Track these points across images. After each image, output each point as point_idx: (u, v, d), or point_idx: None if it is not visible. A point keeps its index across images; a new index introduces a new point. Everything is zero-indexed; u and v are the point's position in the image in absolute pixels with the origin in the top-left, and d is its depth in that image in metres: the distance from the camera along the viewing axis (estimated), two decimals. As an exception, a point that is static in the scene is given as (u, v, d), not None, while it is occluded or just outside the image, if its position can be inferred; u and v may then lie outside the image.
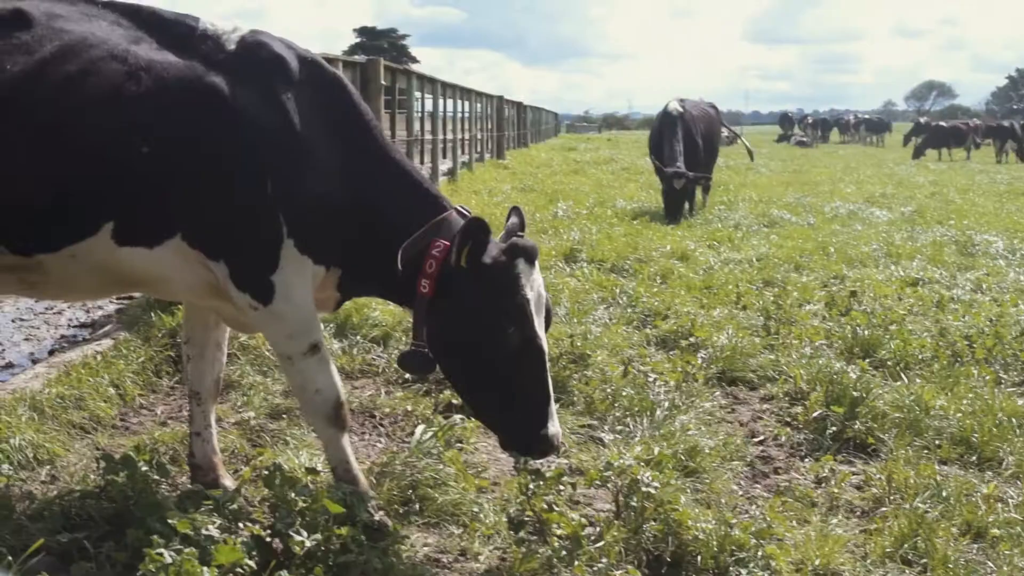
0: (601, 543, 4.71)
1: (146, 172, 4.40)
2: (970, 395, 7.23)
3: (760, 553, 4.74)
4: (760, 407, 7.42)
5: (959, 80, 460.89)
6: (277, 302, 4.60)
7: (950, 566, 4.83)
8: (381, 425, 6.71)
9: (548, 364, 4.68)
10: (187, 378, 5.49)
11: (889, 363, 8.15)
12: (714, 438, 6.42)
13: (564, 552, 4.61)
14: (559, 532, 4.73)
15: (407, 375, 7.28)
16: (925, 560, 4.90)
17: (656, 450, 5.74)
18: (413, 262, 4.62)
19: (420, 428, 6.03)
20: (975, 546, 5.14)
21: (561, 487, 4.87)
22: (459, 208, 4.92)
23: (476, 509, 5.25)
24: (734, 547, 4.77)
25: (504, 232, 4.93)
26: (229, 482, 5.30)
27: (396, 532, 4.85)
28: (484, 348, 4.58)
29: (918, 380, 7.72)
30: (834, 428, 6.62)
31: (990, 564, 4.96)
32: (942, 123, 59.99)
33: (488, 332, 4.55)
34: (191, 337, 5.35)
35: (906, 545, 5.01)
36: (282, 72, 4.64)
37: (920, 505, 5.41)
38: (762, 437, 6.74)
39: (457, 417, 6.35)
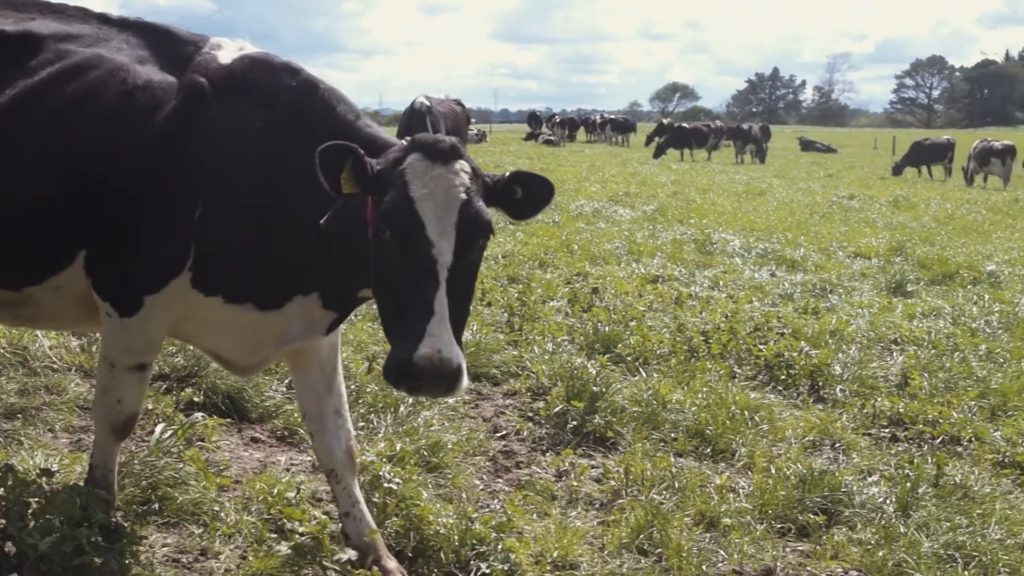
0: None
1: (119, 194, 4.32)
2: (705, 389, 7.74)
3: (500, 546, 4.98)
4: (503, 402, 7.67)
5: (702, 82, 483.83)
6: (136, 319, 4.46)
7: (684, 555, 5.20)
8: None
9: (439, 275, 3.87)
10: (318, 457, 5.16)
11: (629, 358, 8.59)
12: (457, 433, 6.64)
13: (306, 550, 4.68)
14: (301, 529, 4.80)
15: None
16: (660, 550, 5.26)
17: (399, 446, 5.91)
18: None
19: (160, 427, 5.96)
20: (708, 535, 5.54)
21: (303, 483, 4.93)
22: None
23: (217, 508, 5.28)
24: (475, 541, 4.99)
25: None
26: (393, 565, 4.90)
27: (134, 533, 4.80)
28: (372, 260, 4.12)
29: (656, 375, 8.18)
30: (575, 422, 6.94)
31: (722, 552, 5.36)
32: (684, 124, 62.83)
33: (372, 241, 4.09)
34: (307, 412, 5.06)
35: (642, 536, 5.35)
36: (261, 95, 4.48)
37: (656, 496, 5.79)
38: (504, 432, 6.99)
39: (198, 415, 6.33)
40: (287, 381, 7.11)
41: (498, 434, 6.93)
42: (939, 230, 20.22)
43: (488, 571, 4.86)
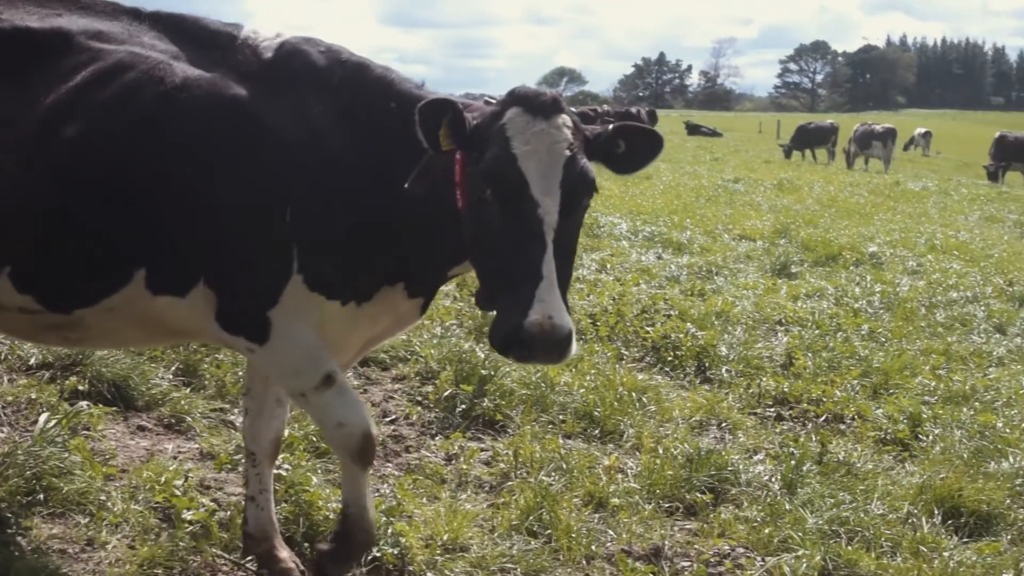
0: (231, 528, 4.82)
1: (174, 206, 4.08)
2: (593, 371, 7.86)
3: (391, 531, 5.04)
4: (392, 387, 7.69)
5: (589, 67, 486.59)
6: (273, 340, 4.21)
7: (573, 536, 5.31)
8: (4, 414, 6.43)
9: (546, 236, 3.73)
10: (244, 435, 5.02)
11: (517, 342, 8.65)
12: (346, 419, 6.62)
13: (194, 538, 4.68)
14: (189, 517, 4.79)
15: None
16: (549, 531, 5.36)
17: (287, 432, 5.88)
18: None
19: (44, 416, 5.84)
20: (596, 515, 5.66)
21: (190, 471, 4.92)
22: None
23: (104, 497, 5.22)
24: (366, 525, 5.01)
25: None
26: (285, 554, 4.87)
27: (18, 524, 4.74)
28: (471, 223, 3.93)
29: (545, 357, 8.25)
30: (464, 406, 7.00)
31: (610, 532, 5.49)
32: (572, 108, 63.24)
33: (469, 201, 3.93)
34: (251, 389, 4.90)
35: (531, 517, 5.44)
36: (315, 81, 4.28)
37: (545, 478, 5.88)
38: (394, 416, 7.02)
39: (83, 404, 6.23)
40: (173, 368, 7.04)
41: (387, 419, 6.95)
42: (822, 212, 20.72)
43: (379, 555, 4.90)
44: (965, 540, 5.68)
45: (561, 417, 7.04)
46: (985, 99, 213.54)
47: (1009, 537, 5.78)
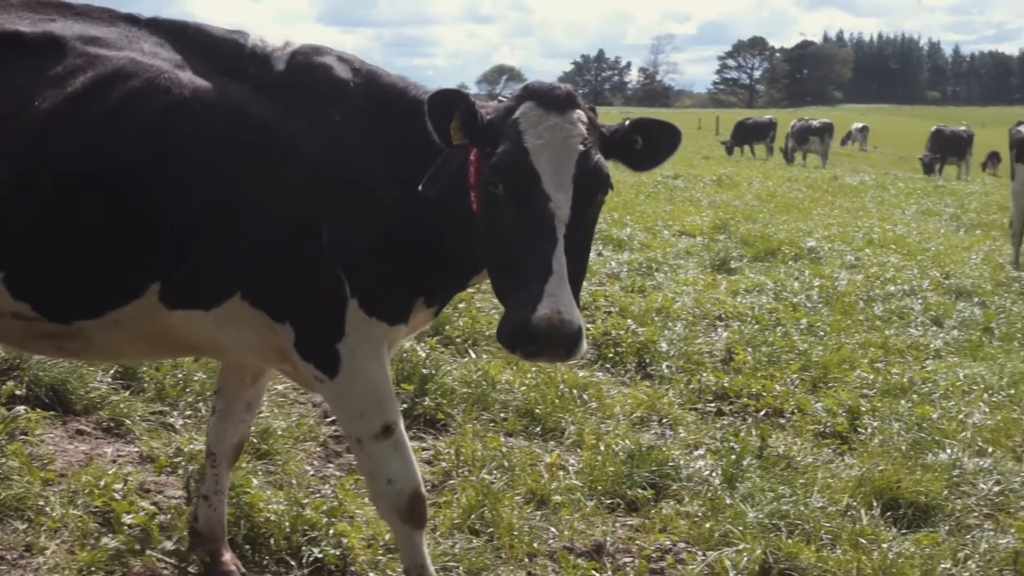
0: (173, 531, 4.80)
1: (192, 221, 3.93)
2: (534, 369, 7.87)
3: (332, 531, 5.05)
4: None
5: (529, 65, 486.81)
6: (344, 375, 4.13)
7: (515, 533, 5.34)
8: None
9: (557, 231, 3.65)
10: (207, 433, 4.93)
11: (458, 340, 8.67)
12: (287, 419, 6.64)
13: (133, 542, 4.66)
14: (129, 521, 4.77)
15: None
16: (492, 529, 5.38)
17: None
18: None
19: (-20, 421, 5.78)
20: (539, 513, 5.69)
21: (130, 475, 4.89)
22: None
23: (42, 503, 5.18)
24: (307, 526, 5.05)
25: None
26: (228, 556, 4.84)
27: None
28: (482, 220, 3.87)
29: (485, 356, 8.29)
30: (405, 405, 6.98)
31: (552, 529, 5.52)
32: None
33: (482, 196, 3.86)
34: (222, 389, 4.83)
35: (473, 515, 5.46)
36: (334, 93, 4.15)
37: (486, 476, 5.91)
38: (334, 417, 7.00)
39: (21, 408, 6.16)
40: (112, 371, 6.97)
41: (328, 419, 6.93)
42: (761, 208, 20.88)
43: (320, 556, 4.91)
44: (903, 531, 5.77)
45: (503, 415, 7.07)
46: (921, 94, 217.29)
47: (947, 528, 5.88)
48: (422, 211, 4.02)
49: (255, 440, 6.06)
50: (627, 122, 4.01)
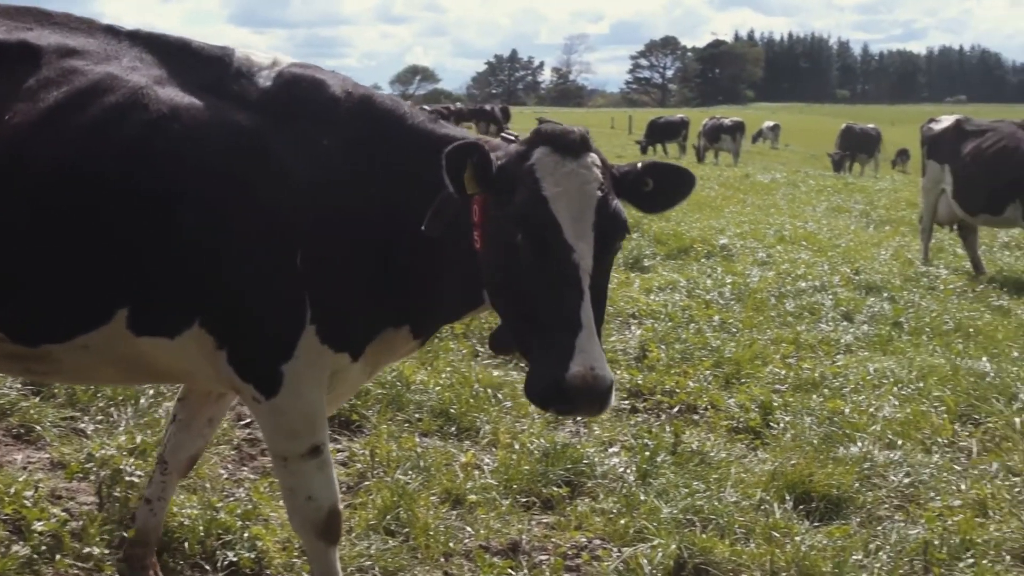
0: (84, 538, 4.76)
1: (165, 244, 3.82)
2: (449, 369, 7.92)
3: (247, 535, 5.04)
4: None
5: (442, 65, 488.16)
6: (283, 396, 4.05)
7: (431, 533, 5.36)
8: None
9: (583, 282, 3.59)
10: (163, 440, 4.82)
11: (372, 341, 8.67)
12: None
13: (45, 549, 4.61)
14: (40, 528, 4.72)
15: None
16: (407, 529, 5.40)
17: (140, 438, 5.85)
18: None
19: None
20: (454, 512, 5.73)
21: (40, 482, 4.84)
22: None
23: (-50, 512, 5.08)
24: (221, 530, 5.03)
25: None
26: (151, 562, 4.78)
27: None
28: (498, 269, 3.79)
29: (400, 356, 8.30)
30: (319, 407, 6.98)
31: (468, 529, 5.56)
32: (425, 106, 63.37)
33: (497, 245, 3.77)
34: (186, 400, 4.72)
35: (389, 516, 5.48)
36: (319, 114, 4.06)
37: (402, 477, 5.93)
38: (249, 420, 6.94)
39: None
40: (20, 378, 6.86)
41: (242, 422, 6.88)
42: (674, 206, 21.03)
43: (235, 559, 4.90)
44: (816, 524, 5.88)
45: (417, 415, 7.08)
46: (831, 92, 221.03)
47: (858, 520, 6.00)
48: (412, 245, 3.98)
49: (167, 445, 6.02)
50: (639, 164, 3.98)
